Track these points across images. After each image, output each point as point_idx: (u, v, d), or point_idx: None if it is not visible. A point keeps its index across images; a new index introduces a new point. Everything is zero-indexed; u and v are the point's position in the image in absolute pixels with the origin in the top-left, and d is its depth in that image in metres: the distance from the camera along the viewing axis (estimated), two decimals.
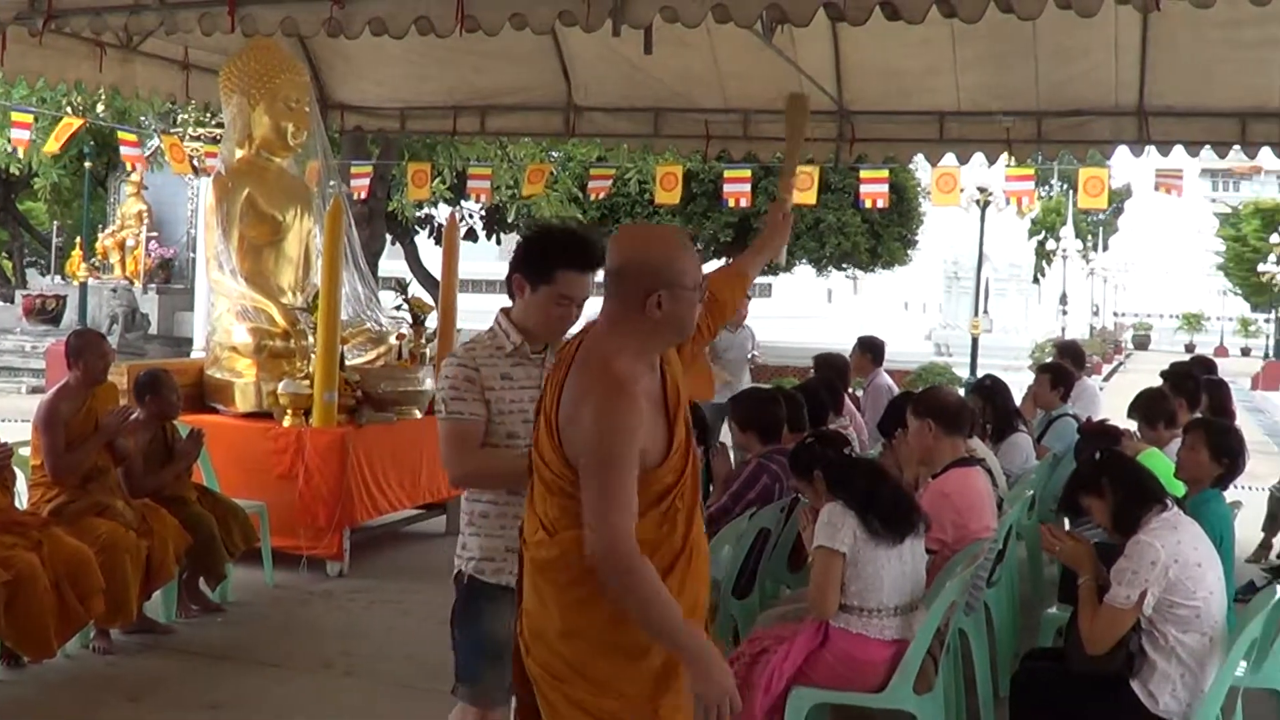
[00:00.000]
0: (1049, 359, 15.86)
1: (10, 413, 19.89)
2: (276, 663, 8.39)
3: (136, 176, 28.61)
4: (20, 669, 7.85)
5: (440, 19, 7.51)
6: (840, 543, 6.03)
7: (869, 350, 12.85)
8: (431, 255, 27.69)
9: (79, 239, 30.34)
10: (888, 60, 11.87)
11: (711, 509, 7.77)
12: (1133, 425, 9.65)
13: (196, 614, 9.22)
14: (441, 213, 31.88)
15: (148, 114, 24.40)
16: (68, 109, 22.63)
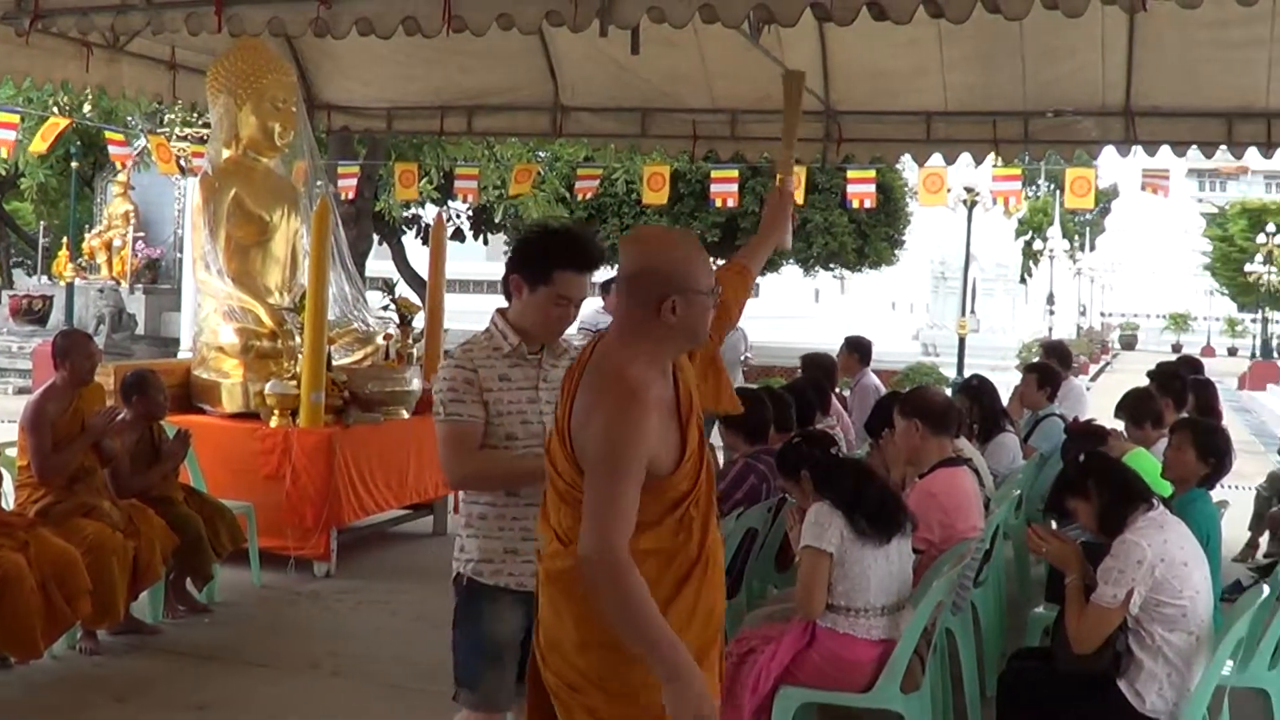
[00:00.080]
0: (1036, 359, 15.87)
1: None
2: (264, 663, 8.39)
3: (123, 177, 28.59)
4: (7, 670, 7.83)
5: (427, 19, 7.51)
6: (827, 543, 6.04)
7: (856, 350, 12.87)
8: (418, 255, 27.72)
9: (65, 239, 30.29)
10: (875, 60, 11.88)
11: None
12: (1119, 425, 9.66)
13: (183, 614, 9.22)
14: (428, 213, 31.79)
15: (134, 114, 24.34)
16: (54, 109, 22.58)
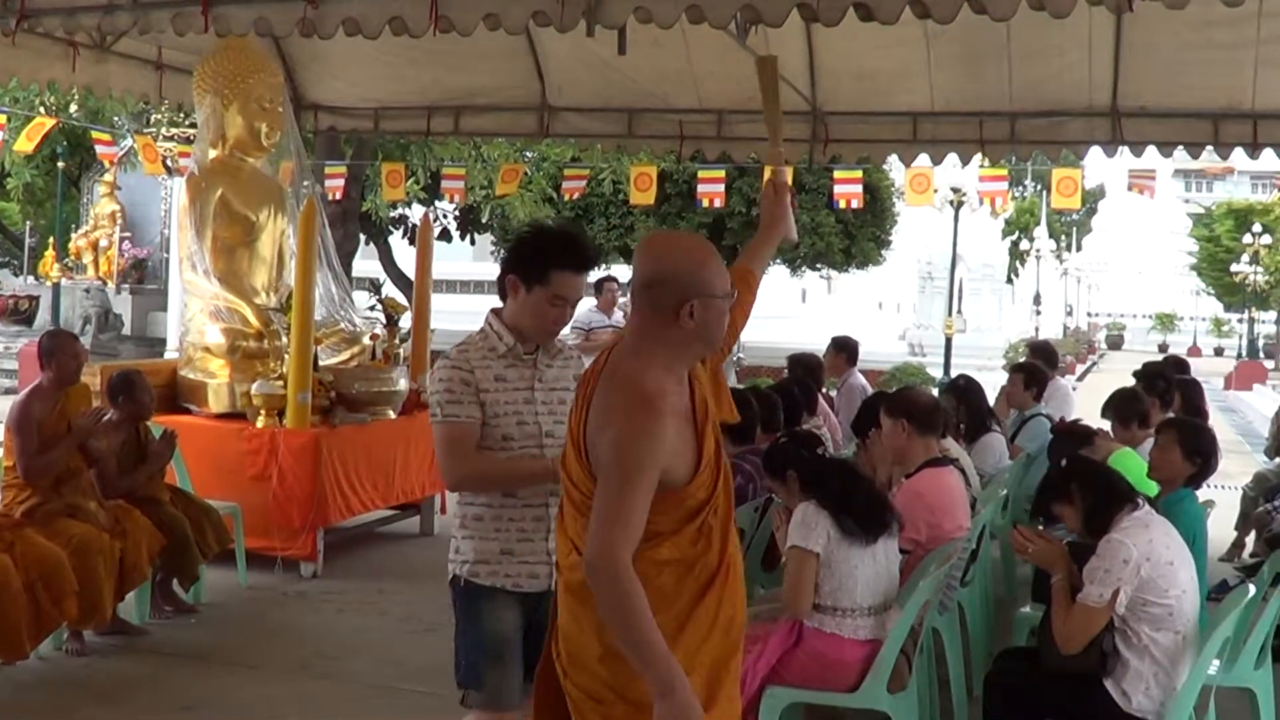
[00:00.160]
0: (1022, 359, 15.89)
1: None
2: (251, 664, 8.37)
3: (110, 177, 28.56)
4: None
5: (414, 19, 7.50)
6: (814, 543, 6.04)
7: (843, 350, 12.89)
8: (405, 255, 27.70)
9: (52, 239, 30.24)
10: (861, 61, 11.88)
11: None
12: (1106, 425, 9.67)
13: (170, 615, 9.20)
14: (415, 213, 31.81)
15: (121, 114, 24.31)
16: (40, 109, 22.57)
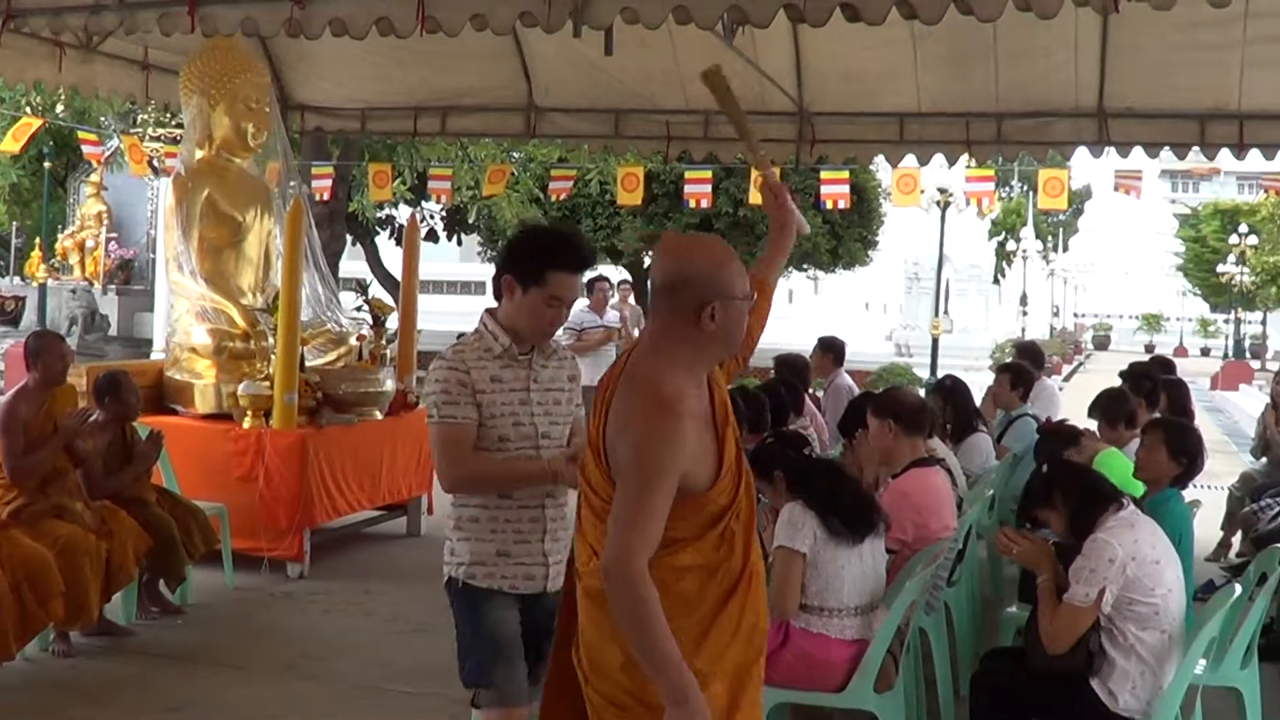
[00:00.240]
0: (1009, 359, 15.91)
1: None
2: (237, 665, 8.36)
3: (96, 177, 28.50)
4: None
5: (401, 20, 7.51)
6: (800, 543, 6.04)
7: (829, 350, 12.89)
8: (392, 256, 27.71)
9: (38, 240, 30.16)
10: (848, 62, 11.89)
11: None
12: (1093, 425, 9.69)
13: (156, 616, 9.19)
14: (402, 213, 31.78)
15: (107, 114, 24.28)
16: (27, 109, 22.52)
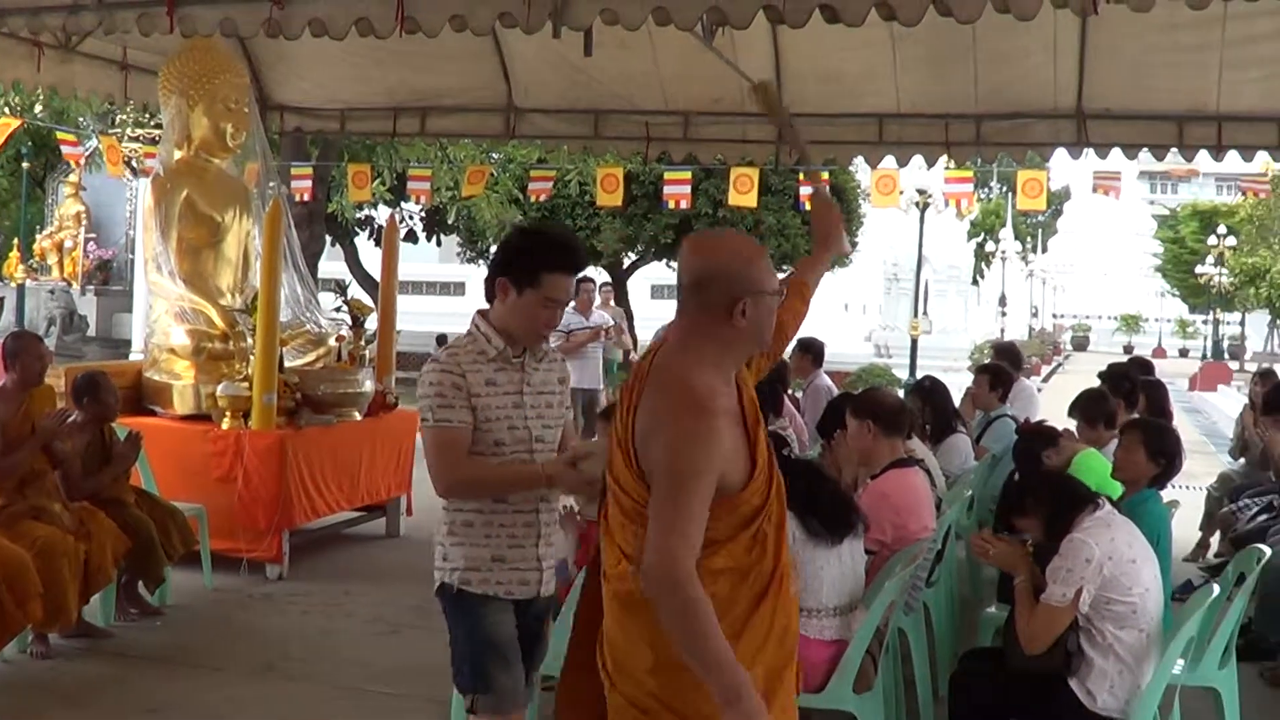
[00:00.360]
0: (988, 360, 15.94)
1: None
2: (217, 666, 8.34)
3: (75, 177, 28.40)
4: None
5: (380, 20, 7.50)
6: None
7: (808, 351, 12.90)
8: (371, 257, 27.64)
9: (16, 240, 30.04)
10: (827, 63, 11.88)
11: None
12: (1071, 425, 9.71)
13: (135, 617, 9.17)
14: (381, 214, 31.73)
15: (86, 114, 24.21)
16: (5, 109, 22.45)
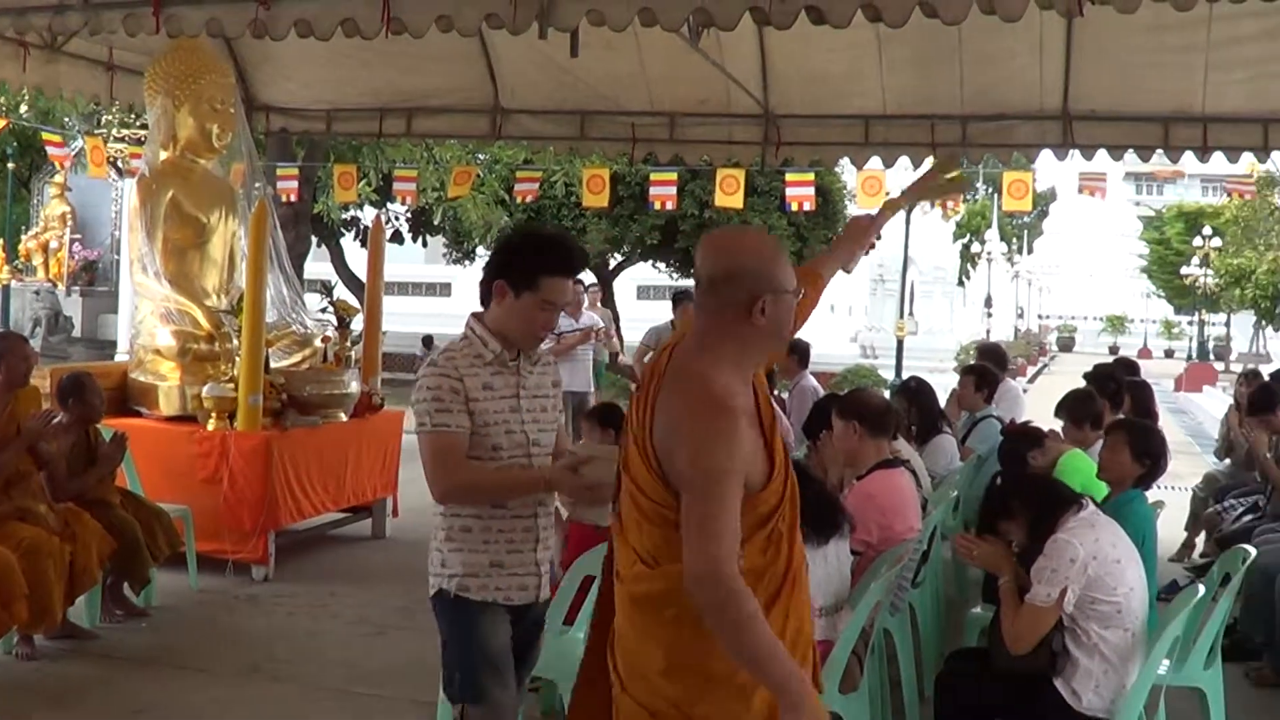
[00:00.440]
0: (974, 361, 15.96)
1: None
2: (202, 668, 8.33)
3: (60, 178, 28.36)
4: None
5: (366, 21, 7.49)
6: None
7: (794, 352, 12.88)
8: (357, 258, 27.58)
9: (1, 241, 29.99)
10: (813, 64, 11.91)
11: None
12: (1058, 426, 9.72)
13: (121, 619, 9.15)
14: (367, 215, 31.72)
15: (72, 115, 24.17)
16: None
